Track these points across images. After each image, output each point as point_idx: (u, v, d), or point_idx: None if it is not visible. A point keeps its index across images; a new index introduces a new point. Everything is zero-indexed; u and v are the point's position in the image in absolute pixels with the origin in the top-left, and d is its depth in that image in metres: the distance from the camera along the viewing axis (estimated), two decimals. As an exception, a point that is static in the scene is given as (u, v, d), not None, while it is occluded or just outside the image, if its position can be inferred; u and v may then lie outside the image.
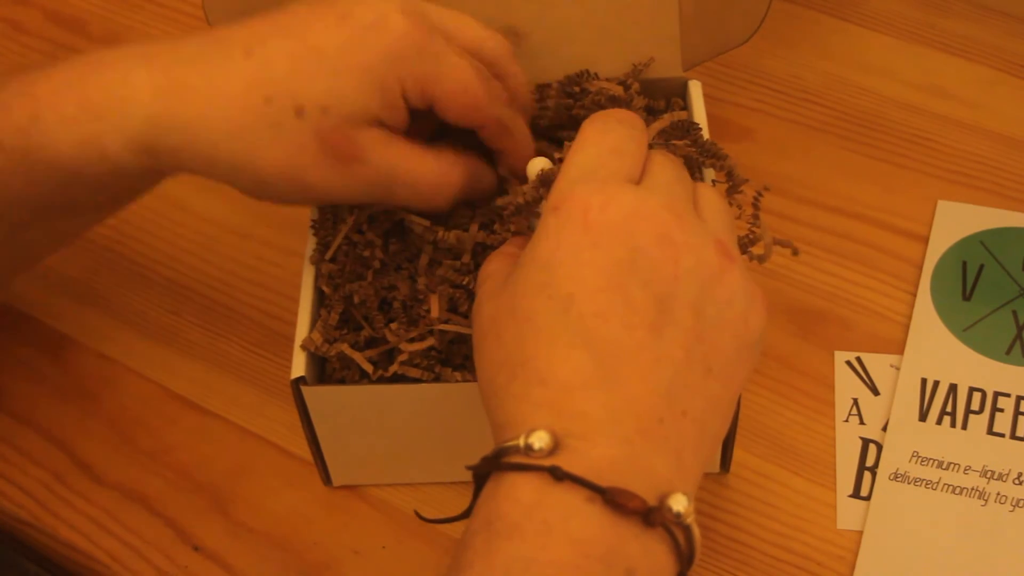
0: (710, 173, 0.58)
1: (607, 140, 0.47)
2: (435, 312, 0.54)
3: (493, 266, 0.49)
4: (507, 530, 0.40)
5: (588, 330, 0.42)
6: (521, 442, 0.41)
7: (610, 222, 0.43)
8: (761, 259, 0.52)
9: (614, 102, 0.60)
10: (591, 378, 0.42)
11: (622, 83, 0.63)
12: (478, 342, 0.46)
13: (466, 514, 0.43)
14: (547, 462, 0.40)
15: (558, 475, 0.40)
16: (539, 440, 0.40)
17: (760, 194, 0.53)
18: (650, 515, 0.40)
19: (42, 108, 0.50)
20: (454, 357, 0.55)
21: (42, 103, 0.50)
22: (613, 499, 0.39)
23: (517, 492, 0.40)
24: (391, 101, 0.49)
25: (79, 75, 0.50)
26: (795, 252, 0.53)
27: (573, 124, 0.54)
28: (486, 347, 0.45)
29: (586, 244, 0.43)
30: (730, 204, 0.51)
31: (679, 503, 0.40)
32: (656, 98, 0.63)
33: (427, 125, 0.54)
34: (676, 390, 0.42)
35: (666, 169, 0.47)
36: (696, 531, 0.41)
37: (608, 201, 0.43)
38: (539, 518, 0.39)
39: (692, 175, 0.56)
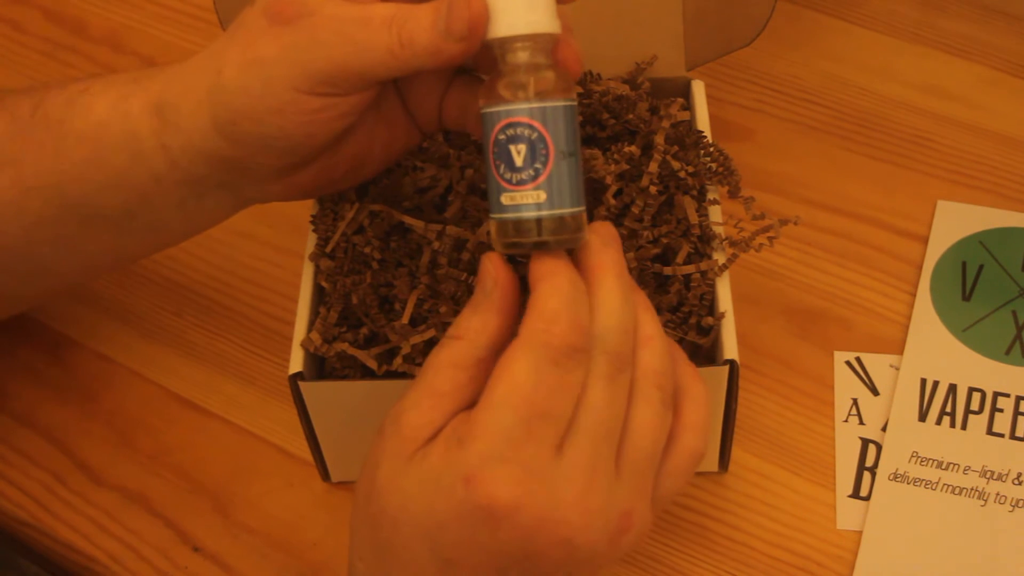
0: (713, 189, 0.58)
1: (538, 396, 0.43)
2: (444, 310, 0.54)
3: (418, 417, 0.45)
4: None
5: None
6: None
7: (516, 524, 0.42)
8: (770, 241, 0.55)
9: (620, 102, 0.60)
10: None
11: (628, 82, 0.63)
12: (362, 502, 0.46)
13: None
14: None
15: None
16: None
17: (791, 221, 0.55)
18: None
19: (92, 83, 0.55)
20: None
21: (94, 82, 0.55)
22: None
23: None
24: None
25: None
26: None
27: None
28: (365, 525, 0.46)
29: (485, 531, 0.43)
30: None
31: None
32: (659, 97, 0.63)
33: None
34: None
35: (600, 412, 0.44)
36: None
37: (520, 506, 0.42)
38: None
39: (701, 186, 0.56)
